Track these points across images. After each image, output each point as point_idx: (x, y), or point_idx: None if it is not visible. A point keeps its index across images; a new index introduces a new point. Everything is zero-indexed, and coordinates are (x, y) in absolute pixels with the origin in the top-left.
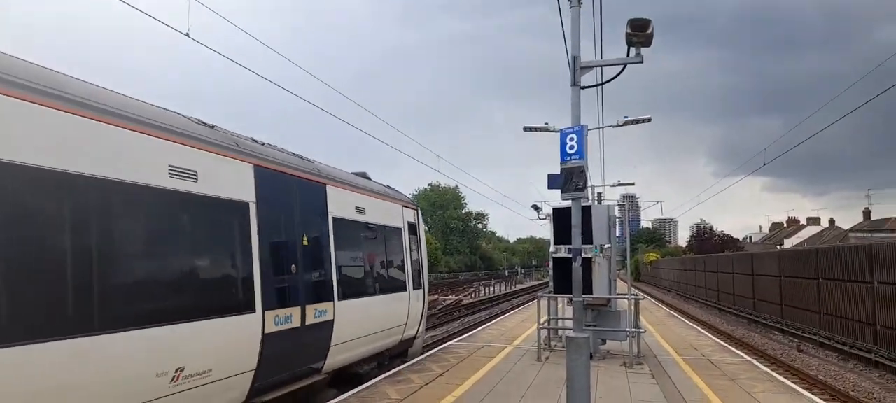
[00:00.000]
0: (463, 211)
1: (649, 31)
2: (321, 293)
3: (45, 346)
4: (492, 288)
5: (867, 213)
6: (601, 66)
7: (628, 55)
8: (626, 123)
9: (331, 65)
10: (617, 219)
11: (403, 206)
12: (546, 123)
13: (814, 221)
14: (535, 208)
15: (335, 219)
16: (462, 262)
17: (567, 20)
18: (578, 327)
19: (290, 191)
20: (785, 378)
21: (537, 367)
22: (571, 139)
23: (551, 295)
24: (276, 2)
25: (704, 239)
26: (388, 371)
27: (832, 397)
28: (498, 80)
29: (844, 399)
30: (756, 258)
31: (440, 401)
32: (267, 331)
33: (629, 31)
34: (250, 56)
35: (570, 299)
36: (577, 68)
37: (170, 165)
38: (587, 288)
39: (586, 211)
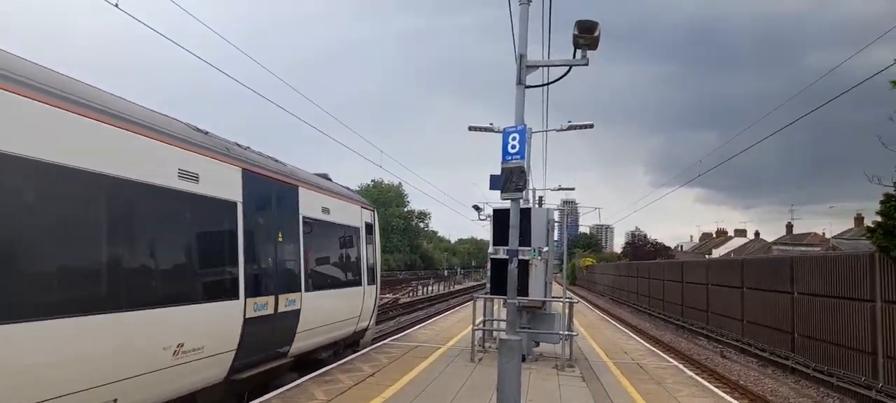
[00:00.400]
0: (405, 209)
1: (596, 33)
2: (291, 284)
3: (87, 319)
4: (430, 288)
5: (790, 227)
6: (547, 65)
7: (574, 57)
8: (569, 128)
9: (271, 52)
10: (556, 224)
11: (361, 208)
12: (491, 124)
13: (741, 233)
14: (477, 208)
15: (305, 219)
16: (402, 261)
17: (516, 19)
18: (511, 330)
19: (270, 193)
20: (708, 382)
21: (470, 368)
22: (513, 138)
23: (487, 296)
24: None
25: (639, 246)
26: (341, 359)
27: (751, 401)
28: (446, 79)
29: None
30: (686, 266)
31: (371, 402)
32: (247, 316)
33: (576, 32)
34: (182, 33)
35: (506, 300)
36: (523, 67)
37: (179, 168)
38: (523, 290)
39: (526, 213)
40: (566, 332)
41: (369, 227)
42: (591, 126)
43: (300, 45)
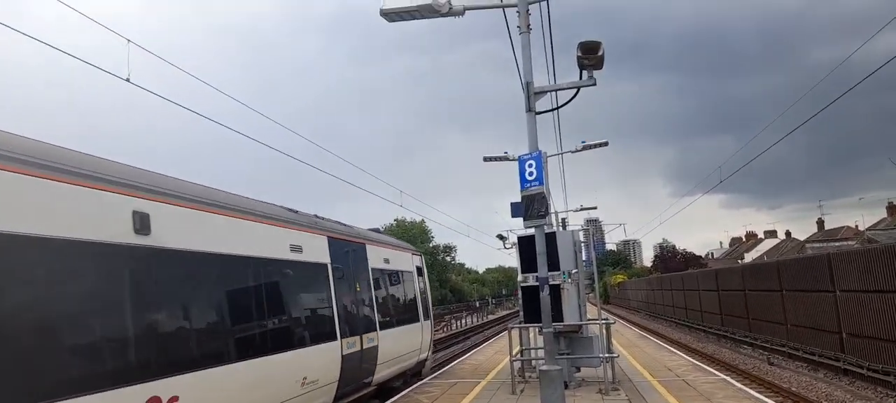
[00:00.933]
0: (430, 245)
1: (600, 53)
2: (369, 325)
3: (256, 360)
4: (463, 321)
5: (821, 223)
6: (555, 90)
7: (581, 78)
8: (584, 148)
9: (285, 104)
10: (582, 244)
11: (412, 255)
12: (506, 152)
13: (771, 234)
14: (501, 237)
15: (372, 269)
16: (432, 297)
17: (518, 49)
18: (550, 359)
19: (347, 252)
20: (760, 393)
21: (512, 401)
22: (530, 165)
23: (522, 325)
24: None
25: (668, 257)
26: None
27: None
28: (456, 114)
29: None
30: (720, 274)
31: None
32: (343, 353)
33: (580, 54)
34: (194, 98)
35: (541, 328)
36: (531, 94)
37: (290, 244)
38: (557, 315)
39: (551, 237)
40: (606, 354)
41: (420, 270)
42: (606, 144)
43: (303, 93)
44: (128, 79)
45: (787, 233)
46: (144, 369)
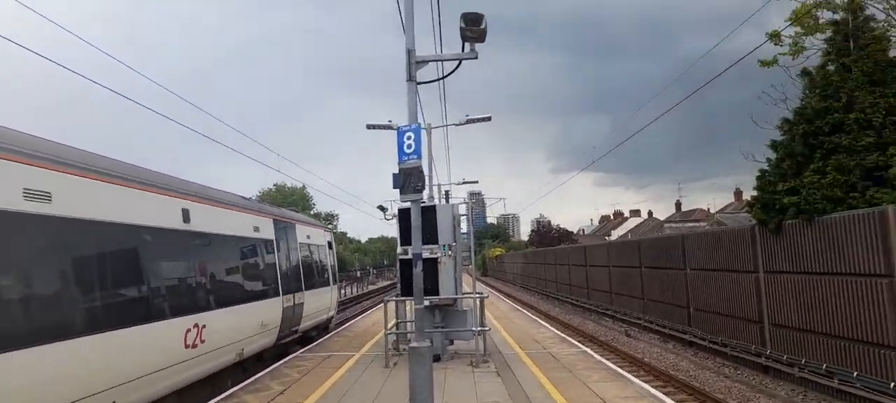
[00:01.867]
0: (311, 213)
1: (482, 26)
2: (298, 287)
3: (242, 306)
4: (343, 291)
5: (678, 205)
6: (438, 60)
7: (463, 50)
8: (467, 122)
9: (162, 57)
10: (463, 217)
11: (324, 231)
12: (390, 121)
13: (635, 213)
14: (382, 208)
15: (300, 244)
16: None
17: (404, 14)
18: (420, 335)
19: (284, 230)
20: (617, 365)
21: (385, 375)
22: (409, 137)
23: (399, 298)
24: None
25: (544, 232)
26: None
27: (656, 378)
28: (342, 76)
29: (667, 380)
30: (588, 250)
31: None
32: (283, 306)
33: (463, 25)
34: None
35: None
36: (412, 62)
37: (253, 225)
38: (433, 289)
39: (431, 210)
40: (479, 328)
41: (330, 244)
42: (489, 119)
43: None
44: None
45: (650, 213)
46: (191, 306)
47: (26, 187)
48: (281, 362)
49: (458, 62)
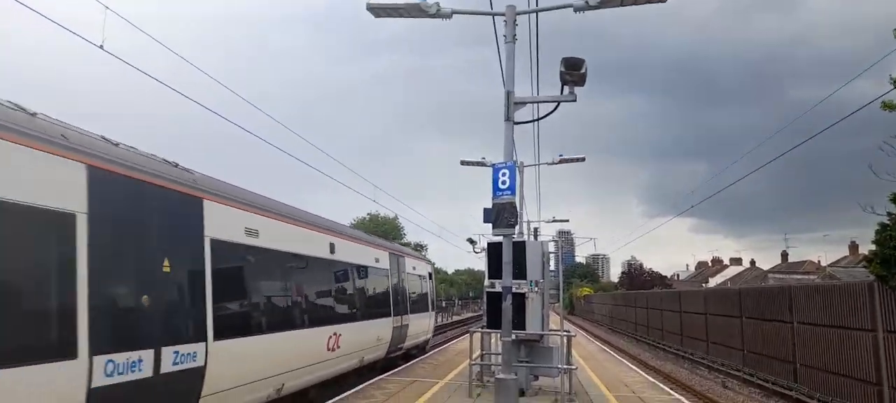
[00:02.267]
0: (401, 242)
1: (582, 70)
2: (405, 310)
3: (364, 322)
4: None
5: (785, 255)
6: (535, 102)
7: (562, 93)
8: (561, 161)
9: (271, 99)
10: (551, 255)
11: (426, 263)
12: (483, 158)
13: (736, 261)
14: (471, 241)
15: (407, 273)
16: None
17: (504, 57)
18: (507, 368)
19: (397, 261)
20: None
21: None
22: (503, 174)
23: (484, 330)
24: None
25: (635, 275)
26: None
27: None
28: (438, 119)
29: None
30: (683, 295)
31: None
32: (393, 325)
33: (563, 69)
34: (184, 81)
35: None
36: (511, 103)
37: (375, 257)
38: (520, 323)
39: (520, 246)
40: (565, 365)
41: (430, 275)
42: (583, 159)
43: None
44: (101, 46)
45: (752, 262)
46: (333, 318)
47: (246, 226)
48: (367, 383)
49: (555, 104)
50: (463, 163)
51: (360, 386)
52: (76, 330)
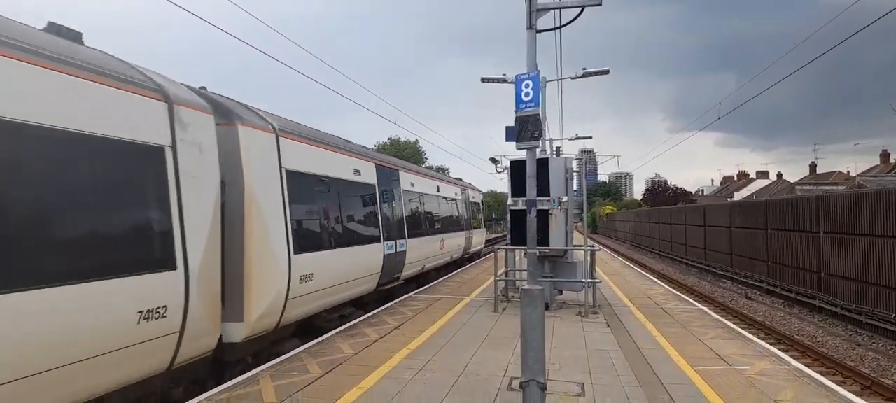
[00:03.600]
0: (424, 166)
1: None
2: (469, 226)
3: (454, 234)
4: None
5: (813, 167)
6: (559, 7)
7: None
8: (584, 75)
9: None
10: (574, 173)
11: (480, 193)
12: (504, 74)
13: (762, 175)
14: (494, 160)
15: (471, 201)
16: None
17: None
18: (533, 279)
19: (466, 192)
20: (734, 324)
21: (494, 318)
22: (527, 85)
23: (509, 247)
24: None
25: (659, 192)
26: (368, 312)
27: (778, 341)
28: (454, 37)
29: (790, 343)
30: (708, 209)
31: (395, 354)
32: (465, 236)
33: None
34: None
35: (527, 251)
36: (534, 10)
37: (458, 190)
38: (543, 240)
39: (544, 163)
40: (589, 279)
41: (482, 202)
42: (607, 72)
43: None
44: None
45: (779, 175)
46: (441, 231)
47: (411, 181)
48: (396, 301)
49: (580, 9)
50: (484, 80)
51: (390, 304)
52: (403, 227)
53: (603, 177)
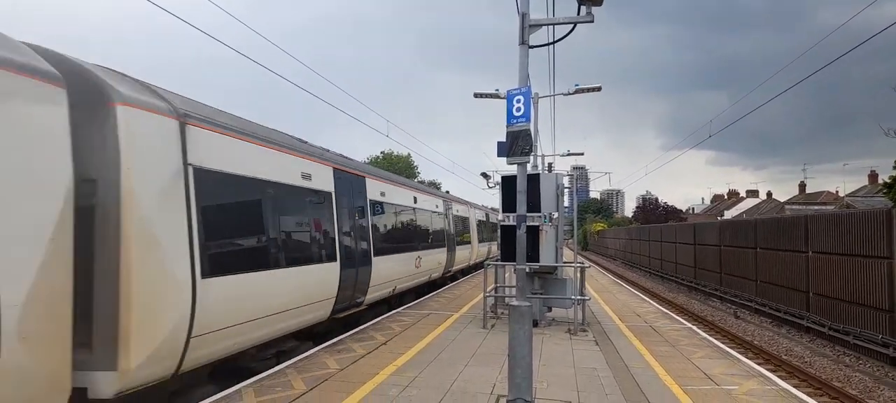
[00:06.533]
0: (416, 181)
1: None
2: (452, 244)
3: (433, 250)
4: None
5: (802, 186)
6: (551, 24)
7: (579, 14)
8: (576, 91)
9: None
10: (566, 189)
11: (474, 209)
12: (497, 89)
13: (752, 193)
14: (485, 175)
15: (456, 216)
16: None
17: None
18: (521, 296)
19: (471, 211)
20: (723, 343)
21: (482, 335)
22: (518, 100)
23: (498, 263)
24: None
25: (650, 209)
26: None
27: (766, 361)
28: (450, 53)
29: (778, 364)
30: (698, 228)
31: (382, 370)
32: (447, 253)
33: None
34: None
35: (516, 266)
36: (526, 26)
37: (460, 209)
38: (533, 255)
39: (535, 179)
40: (578, 296)
41: (481, 219)
42: (599, 88)
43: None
44: None
45: (769, 194)
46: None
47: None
48: (384, 316)
49: (572, 26)
50: (476, 95)
51: (377, 319)
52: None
53: (595, 194)
